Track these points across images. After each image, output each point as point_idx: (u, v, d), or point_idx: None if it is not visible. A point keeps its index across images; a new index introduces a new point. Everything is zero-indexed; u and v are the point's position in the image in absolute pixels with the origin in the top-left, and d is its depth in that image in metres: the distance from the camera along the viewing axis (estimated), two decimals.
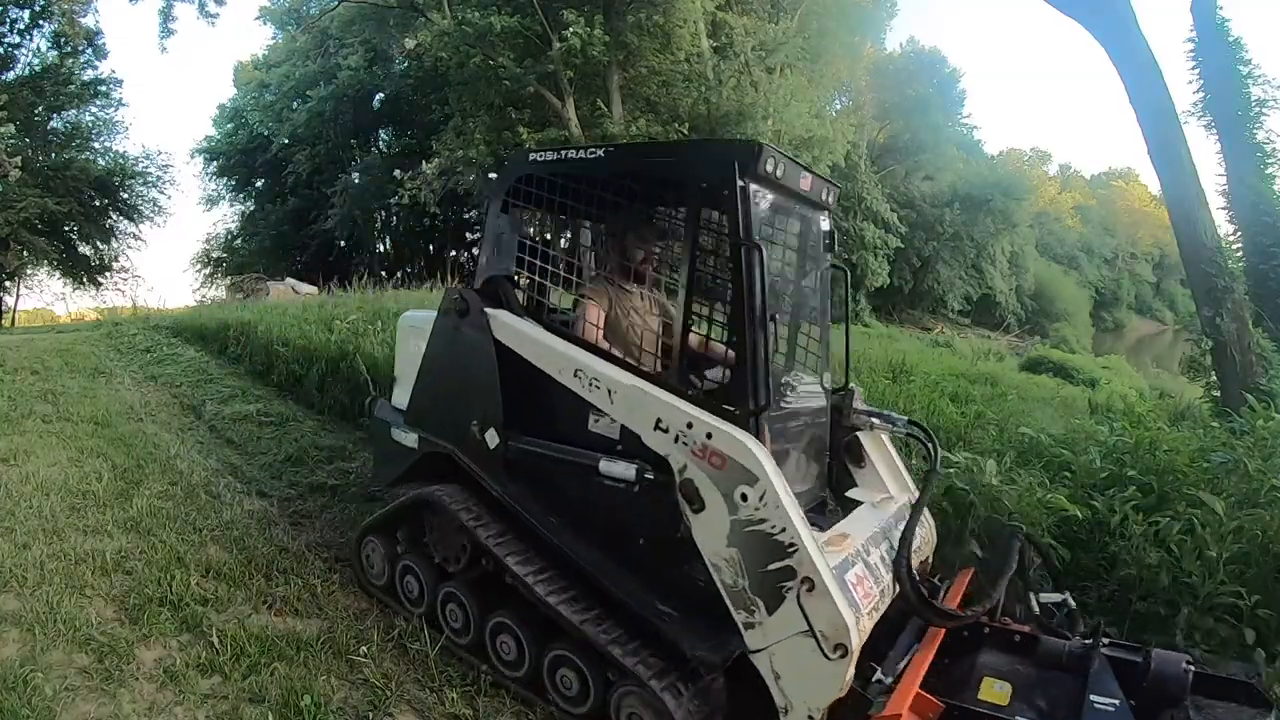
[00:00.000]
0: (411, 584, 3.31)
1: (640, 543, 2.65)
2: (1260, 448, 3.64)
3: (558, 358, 2.76)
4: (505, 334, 2.93)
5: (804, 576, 2.21)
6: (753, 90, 20.79)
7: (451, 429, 3.13)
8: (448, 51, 19.50)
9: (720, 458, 2.34)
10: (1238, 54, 7.43)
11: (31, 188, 20.65)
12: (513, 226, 3.17)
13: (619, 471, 2.59)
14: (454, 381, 3.14)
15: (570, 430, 2.79)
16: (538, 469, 2.89)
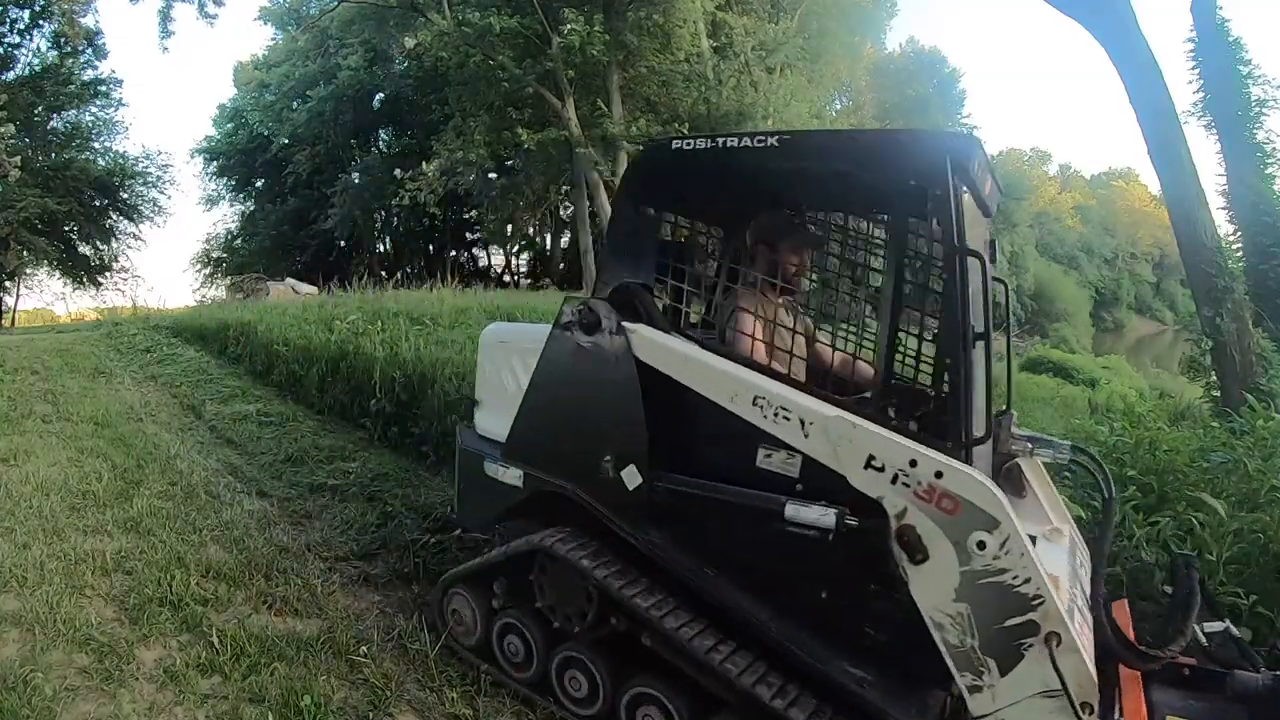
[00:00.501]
0: (515, 645, 2.82)
1: (823, 596, 2.28)
2: (1260, 448, 3.65)
3: (729, 382, 2.31)
4: (650, 353, 2.46)
5: (1050, 631, 1.92)
6: (753, 90, 20.80)
7: (573, 466, 2.67)
8: (448, 51, 19.53)
9: (952, 500, 1.99)
10: (1238, 54, 7.44)
11: (31, 188, 20.66)
12: (648, 227, 2.73)
13: (812, 517, 2.18)
14: (577, 409, 2.68)
15: (733, 467, 2.37)
16: (690, 513, 2.45)
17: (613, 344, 2.53)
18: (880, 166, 2.29)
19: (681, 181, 2.55)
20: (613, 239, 2.78)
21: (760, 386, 2.27)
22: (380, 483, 5.10)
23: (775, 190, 2.45)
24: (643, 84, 20.97)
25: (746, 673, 2.24)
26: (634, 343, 2.49)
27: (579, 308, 2.61)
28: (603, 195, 20.02)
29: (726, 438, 2.37)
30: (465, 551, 3.83)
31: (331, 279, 17.79)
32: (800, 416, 2.19)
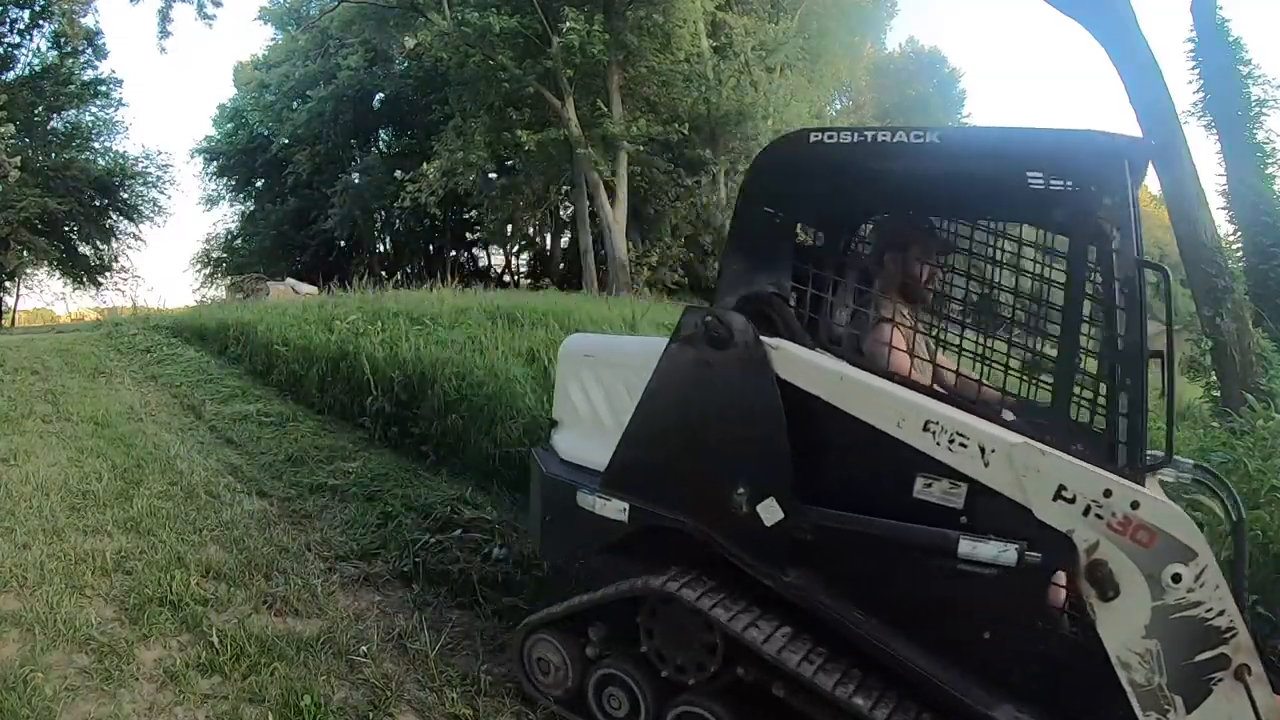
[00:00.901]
0: (617, 699, 2.53)
1: (986, 636, 2.08)
2: (1260, 448, 3.64)
3: (896, 405, 2.08)
4: (795, 371, 2.20)
5: (1241, 664, 1.85)
6: (753, 90, 20.82)
7: (697, 498, 2.39)
8: (448, 51, 19.54)
9: (1148, 532, 1.88)
10: (1238, 54, 7.45)
11: (31, 188, 20.68)
12: (784, 228, 2.43)
13: (990, 554, 1.98)
14: (702, 435, 2.38)
15: (888, 499, 2.14)
16: (838, 551, 2.22)
17: (749, 361, 2.24)
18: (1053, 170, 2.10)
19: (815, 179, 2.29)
20: (738, 242, 2.43)
21: (933, 410, 2.06)
22: (380, 483, 5.10)
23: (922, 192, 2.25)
24: (643, 84, 20.98)
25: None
26: (775, 360, 2.22)
27: (706, 319, 2.28)
28: (602, 195, 20.03)
29: (882, 466, 2.14)
30: (468, 555, 3.83)
31: (331, 279, 17.80)
32: (980, 444, 1.99)
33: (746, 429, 2.27)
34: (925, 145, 2.12)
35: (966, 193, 2.25)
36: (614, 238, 20.10)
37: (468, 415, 5.60)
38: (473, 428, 5.48)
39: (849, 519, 2.17)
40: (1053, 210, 2.21)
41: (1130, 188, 1.96)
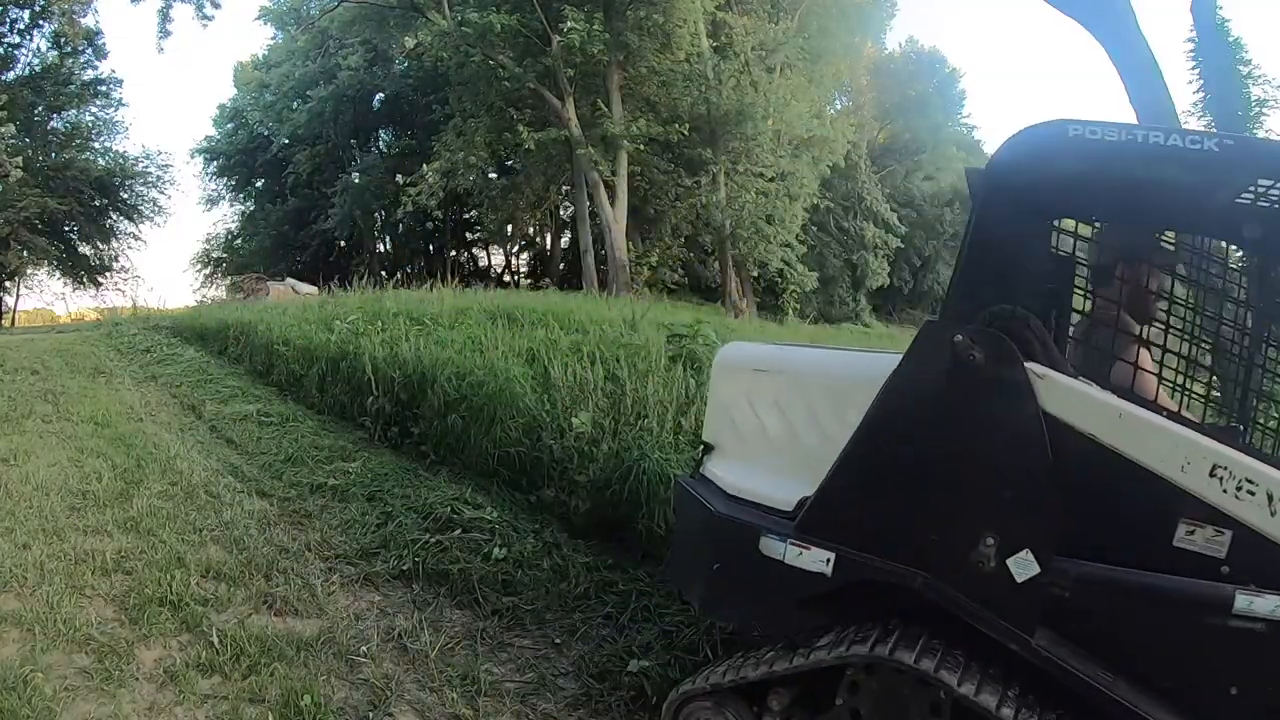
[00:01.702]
0: None
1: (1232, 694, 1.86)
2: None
3: (1182, 447, 1.80)
4: (1064, 405, 1.87)
5: None
6: (753, 90, 20.82)
7: (929, 548, 2.01)
8: (448, 51, 19.53)
9: None
10: (1238, 54, 7.45)
11: (32, 187, 20.69)
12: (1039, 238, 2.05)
13: (1268, 608, 1.75)
14: (943, 474, 2.00)
15: (1148, 548, 1.87)
16: (1096, 610, 1.92)
17: (1010, 390, 1.90)
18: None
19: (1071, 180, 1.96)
20: (979, 250, 2.05)
21: (1220, 454, 1.78)
22: (380, 483, 5.10)
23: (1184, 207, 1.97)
24: (643, 84, 20.99)
25: None
26: (1041, 390, 1.88)
27: (958, 339, 1.92)
28: (602, 195, 20.03)
29: (1146, 513, 1.87)
30: (468, 555, 3.83)
31: (331, 279, 17.80)
32: (1269, 491, 1.74)
33: (1002, 470, 1.93)
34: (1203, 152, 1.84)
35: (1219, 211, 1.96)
36: (614, 238, 20.10)
37: (468, 415, 5.60)
38: (473, 427, 5.47)
39: (1114, 573, 1.88)
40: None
41: None
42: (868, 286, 30.26)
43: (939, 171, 34.83)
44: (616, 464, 4.31)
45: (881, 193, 30.79)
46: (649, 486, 4.12)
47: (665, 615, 3.36)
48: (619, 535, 4.17)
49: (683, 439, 4.73)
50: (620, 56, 19.78)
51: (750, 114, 20.70)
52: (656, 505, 4.01)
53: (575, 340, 7.45)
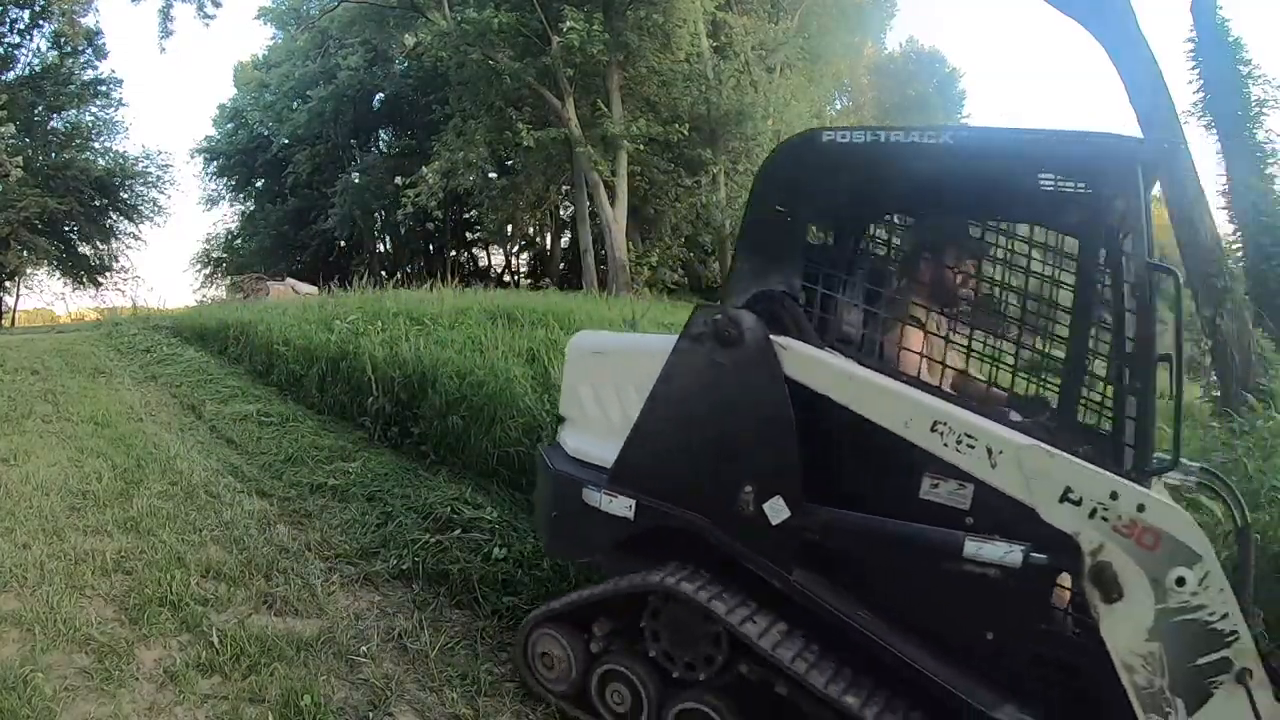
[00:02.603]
0: (621, 694, 2.53)
1: (990, 638, 2.12)
2: (1260, 448, 3.64)
3: (904, 405, 2.09)
4: (805, 371, 2.21)
5: (1244, 668, 1.87)
6: (753, 90, 20.81)
7: (704, 496, 2.40)
8: (448, 51, 19.52)
9: (1154, 535, 1.90)
10: (1238, 54, 7.45)
11: (32, 187, 20.68)
12: (793, 229, 2.39)
13: (995, 555, 2.00)
14: (710, 433, 2.38)
15: (894, 499, 2.16)
16: (844, 551, 2.25)
17: (759, 360, 2.25)
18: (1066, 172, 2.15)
19: (827, 178, 2.30)
20: (749, 240, 2.45)
21: (941, 411, 2.06)
22: (380, 483, 5.10)
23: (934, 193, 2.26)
24: (643, 84, 20.97)
25: None
26: (785, 359, 2.23)
27: (716, 318, 2.30)
28: (602, 195, 20.02)
29: (889, 467, 2.17)
30: (468, 555, 3.83)
31: (331, 279, 17.79)
32: (988, 445, 2.00)
33: (755, 428, 2.29)
34: (939, 146, 2.13)
35: (978, 194, 2.28)
36: (614, 237, 20.10)
37: (468, 415, 5.60)
38: (473, 427, 5.47)
39: (854, 519, 2.19)
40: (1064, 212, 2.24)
41: (1143, 191, 1.99)
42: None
43: None
44: None
45: None
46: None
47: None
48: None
49: None
50: (620, 56, 19.76)
51: (750, 114, 20.69)
52: None
53: None
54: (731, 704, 2.31)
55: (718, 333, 2.31)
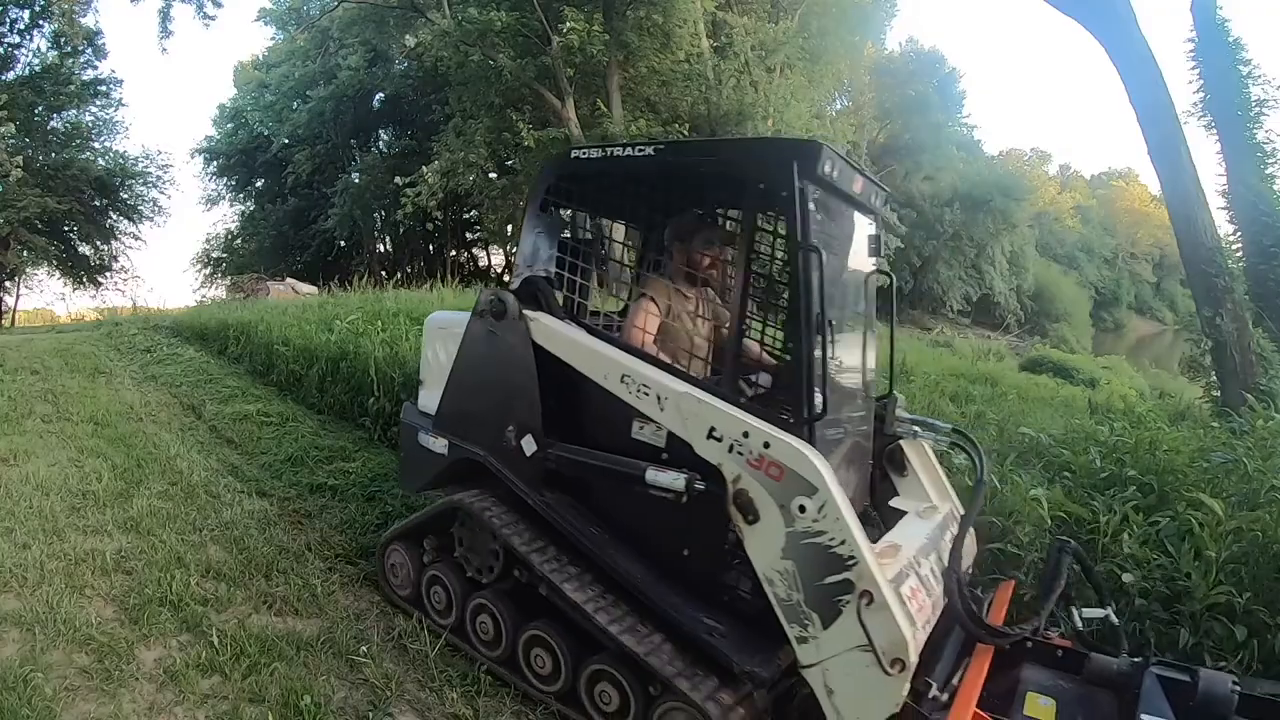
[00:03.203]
0: (439, 595, 3.17)
1: (685, 555, 2.58)
2: (1260, 448, 3.65)
3: (603, 362, 2.66)
4: (545, 337, 2.83)
5: (863, 590, 2.14)
6: (753, 90, 20.77)
7: (485, 435, 3.02)
8: (448, 50, 19.49)
9: (778, 468, 2.26)
10: (1238, 54, 7.43)
11: (32, 187, 20.66)
12: (552, 226, 3.05)
13: (666, 481, 2.46)
14: (488, 386, 3.03)
15: (612, 437, 2.68)
16: (577, 478, 2.80)
17: (515, 329, 2.89)
18: (739, 169, 2.56)
19: (582, 184, 2.90)
20: (523, 238, 3.09)
21: (626, 366, 2.61)
22: (380, 483, 5.11)
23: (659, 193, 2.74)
24: (643, 84, 20.93)
25: (618, 622, 2.56)
26: (533, 329, 2.87)
27: (490, 298, 2.97)
28: None
29: (608, 412, 2.69)
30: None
31: (331, 279, 17.79)
32: (657, 393, 2.53)
33: (513, 381, 2.91)
34: (644, 157, 2.72)
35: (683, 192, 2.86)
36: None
37: None
38: None
39: (580, 452, 2.76)
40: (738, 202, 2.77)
41: (796, 183, 2.36)
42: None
43: (939, 171, 34.79)
44: None
45: None
46: None
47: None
48: None
49: None
50: (620, 56, 19.74)
51: (750, 114, 20.65)
52: None
53: None
54: (509, 602, 2.91)
55: (490, 309, 2.95)
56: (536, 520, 2.88)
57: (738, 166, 2.58)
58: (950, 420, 5.18)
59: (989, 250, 35.81)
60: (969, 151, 38.72)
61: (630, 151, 2.74)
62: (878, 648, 2.11)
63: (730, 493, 2.34)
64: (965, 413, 5.85)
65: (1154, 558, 3.05)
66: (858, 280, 3.03)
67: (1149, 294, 56.76)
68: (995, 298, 36.53)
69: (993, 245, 35.88)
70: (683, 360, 2.74)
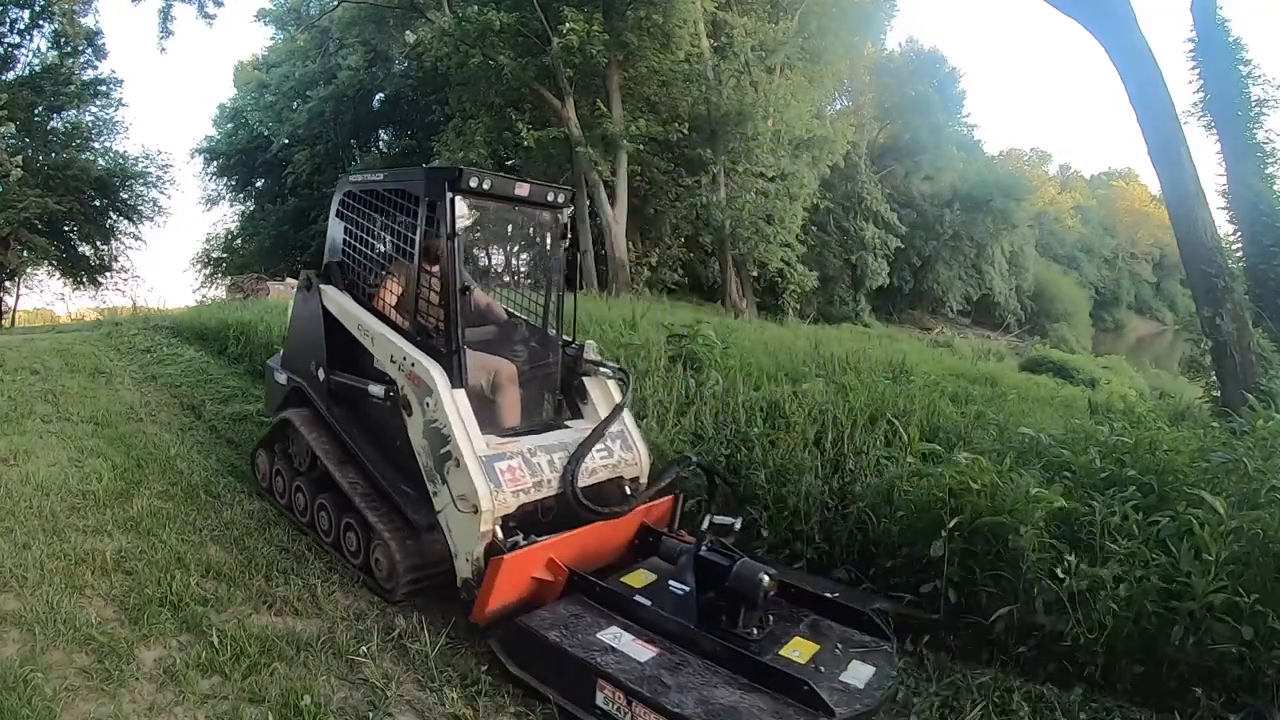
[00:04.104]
0: (280, 484, 4.52)
1: (397, 444, 3.66)
2: (1260, 448, 3.64)
3: (351, 318, 3.95)
4: (329, 302, 4.10)
5: (456, 458, 3.25)
6: (753, 90, 20.77)
7: (302, 368, 4.32)
8: (449, 48, 19.49)
9: (418, 379, 3.47)
10: (1238, 54, 7.44)
11: (32, 187, 20.63)
12: (340, 227, 4.24)
13: (377, 391, 3.66)
14: (303, 335, 4.35)
15: (362, 367, 3.88)
16: (348, 395, 4.02)
17: (314, 297, 4.18)
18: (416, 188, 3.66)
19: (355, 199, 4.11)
20: (328, 234, 4.36)
21: (362, 319, 3.88)
22: None
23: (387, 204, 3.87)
24: (643, 84, 20.92)
25: (357, 492, 3.77)
26: (323, 297, 4.13)
27: (304, 276, 4.33)
28: (602, 195, 20.02)
29: (357, 351, 3.90)
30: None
31: None
32: (373, 336, 3.78)
33: (314, 331, 4.17)
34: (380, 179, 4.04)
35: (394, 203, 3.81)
36: (614, 238, 20.09)
37: None
38: None
39: (344, 376, 3.99)
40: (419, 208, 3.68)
41: (448, 194, 3.47)
42: (868, 286, 30.22)
43: (939, 172, 34.79)
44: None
45: (881, 193, 30.75)
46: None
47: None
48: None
49: (680, 437, 4.76)
50: (620, 56, 19.72)
51: (750, 114, 20.66)
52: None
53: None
54: (313, 484, 4.19)
55: (303, 284, 4.32)
56: (330, 428, 4.09)
57: (417, 185, 3.66)
58: (950, 420, 5.18)
59: (989, 250, 35.80)
60: (969, 151, 38.70)
61: (375, 176, 4.13)
62: (462, 497, 3.22)
63: (401, 396, 3.53)
64: (966, 413, 5.83)
65: (1154, 557, 3.05)
66: (542, 254, 4.33)
67: (1149, 294, 56.77)
68: (995, 298, 36.52)
69: (993, 245, 35.88)
70: (403, 317, 3.83)
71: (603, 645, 2.84)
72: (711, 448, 4.58)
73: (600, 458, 3.70)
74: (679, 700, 2.54)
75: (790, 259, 24.06)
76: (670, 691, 2.59)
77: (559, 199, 3.98)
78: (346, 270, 4.17)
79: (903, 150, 34.10)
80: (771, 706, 2.55)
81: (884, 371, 7.55)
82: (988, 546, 3.29)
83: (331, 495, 3.94)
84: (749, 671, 2.71)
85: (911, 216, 32.37)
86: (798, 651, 2.93)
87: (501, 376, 3.85)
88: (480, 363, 3.78)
